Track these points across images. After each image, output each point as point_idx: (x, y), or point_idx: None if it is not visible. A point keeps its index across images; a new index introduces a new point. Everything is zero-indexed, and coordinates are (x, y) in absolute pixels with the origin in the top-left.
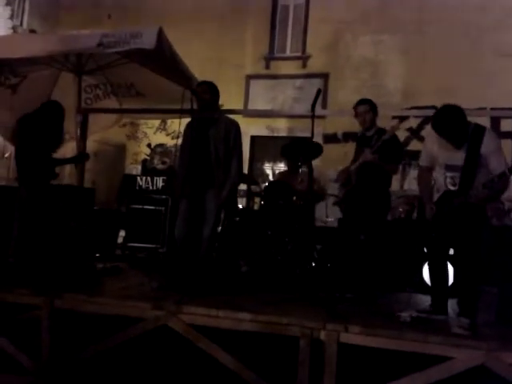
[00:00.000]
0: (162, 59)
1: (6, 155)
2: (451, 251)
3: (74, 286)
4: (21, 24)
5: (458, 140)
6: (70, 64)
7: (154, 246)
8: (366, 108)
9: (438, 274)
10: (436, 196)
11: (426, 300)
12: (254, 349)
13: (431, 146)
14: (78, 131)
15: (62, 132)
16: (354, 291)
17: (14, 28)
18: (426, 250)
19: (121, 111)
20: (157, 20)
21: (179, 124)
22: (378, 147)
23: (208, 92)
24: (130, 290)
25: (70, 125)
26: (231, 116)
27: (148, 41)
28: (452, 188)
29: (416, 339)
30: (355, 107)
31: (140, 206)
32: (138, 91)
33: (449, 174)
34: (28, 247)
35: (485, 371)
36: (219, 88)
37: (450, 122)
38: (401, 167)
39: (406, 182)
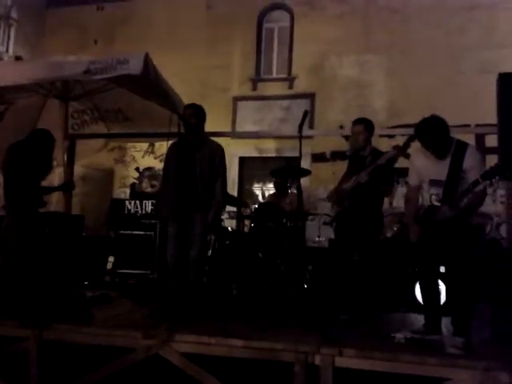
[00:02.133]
0: (149, 84)
1: None
2: (442, 269)
3: (63, 316)
4: (6, 51)
5: (440, 148)
6: (56, 90)
7: (143, 271)
8: (361, 128)
9: (429, 292)
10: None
11: (420, 319)
12: (248, 376)
13: (416, 162)
14: (65, 157)
15: (51, 160)
16: (349, 312)
17: None
18: (411, 270)
19: (108, 136)
20: (143, 44)
21: (166, 146)
22: (372, 170)
23: (194, 116)
24: (120, 319)
25: (58, 151)
26: (219, 138)
27: (134, 66)
28: (437, 204)
29: (411, 361)
30: (351, 126)
31: (129, 232)
32: (126, 116)
33: (433, 191)
34: (14, 277)
35: None
36: (206, 110)
37: (432, 129)
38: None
39: (395, 200)
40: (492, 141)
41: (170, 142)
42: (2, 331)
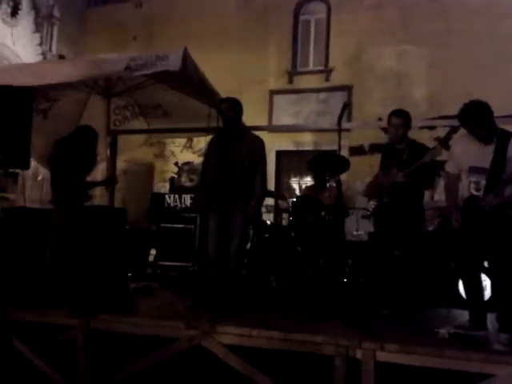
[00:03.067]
0: (188, 79)
1: (39, 178)
2: (486, 263)
3: (109, 307)
4: (50, 50)
5: (484, 132)
6: (98, 87)
7: (184, 264)
8: (401, 121)
9: (472, 287)
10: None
11: (464, 315)
12: (288, 368)
13: (457, 149)
14: (108, 152)
15: (96, 155)
16: (390, 307)
17: (43, 54)
18: (453, 264)
19: (148, 131)
20: (181, 39)
21: (205, 141)
22: (414, 168)
23: (231, 109)
24: (163, 310)
25: (100, 146)
26: (256, 132)
27: (174, 62)
28: (475, 193)
29: (455, 356)
30: (389, 117)
31: (170, 225)
32: (165, 111)
33: (472, 179)
34: (62, 268)
35: None
36: (243, 104)
37: (475, 111)
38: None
39: (436, 193)
40: None
41: (210, 137)
42: (51, 320)
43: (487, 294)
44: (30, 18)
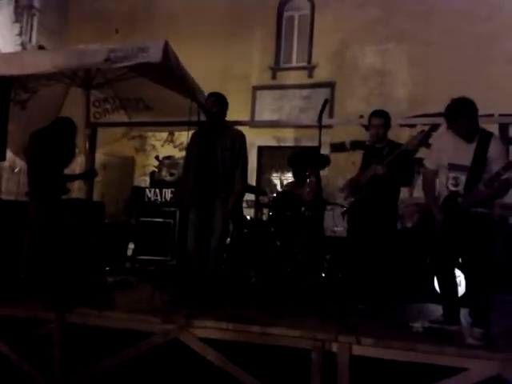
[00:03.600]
0: (169, 72)
1: (16, 170)
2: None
3: (85, 300)
4: (29, 40)
5: (469, 129)
6: (78, 79)
7: (163, 258)
8: (381, 122)
9: (447, 283)
10: (439, 200)
11: (438, 310)
12: (265, 362)
13: (438, 145)
14: (87, 145)
15: (74, 148)
16: (366, 302)
17: (22, 44)
18: (429, 260)
19: (129, 124)
20: (163, 33)
21: (187, 136)
22: (391, 160)
23: (217, 104)
24: (140, 304)
25: (79, 139)
26: (238, 127)
27: (154, 54)
28: (453, 189)
29: (429, 350)
30: (370, 117)
31: (149, 219)
32: (147, 104)
33: (451, 175)
34: (38, 262)
35: (501, 381)
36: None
37: (462, 108)
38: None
39: (415, 190)
40: None
41: (192, 131)
42: (27, 314)
43: (461, 289)
44: (10, 8)
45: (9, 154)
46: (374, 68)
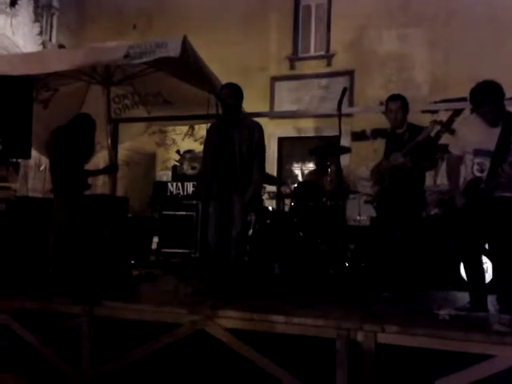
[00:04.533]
0: (187, 66)
1: (41, 168)
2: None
3: (112, 294)
4: (50, 39)
5: (494, 113)
6: (98, 76)
7: (187, 251)
8: (398, 105)
9: (473, 269)
10: (464, 185)
11: (464, 297)
12: (291, 352)
13: (463, 131)
14: (109, 141)
15: (94, 143)
16: (391, 290)
17: (43, 44)
18: (454, 247)
19: (149, 119)
20: (181, 27)
21: (204, 129)
22: (411, 148)
23: (232, 95)
24: (165, 296)
25: (101, 135)
26: (257, 119)
27: (173, 49)
28: (479, 174)
29: (456, 337)
30: (386, 102)
31: (172, 212)
32: (166, 99)
33: (477, 160)
34: (65, 257)
35: None
36: (244, 91)
37: (489, 92)
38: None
39: (439, 177)
40: None
41: (209, 124)
42: (56, 308)
43: (488, 276)
44: (30, 8)
45: (34, 153)
46: (392, 54)
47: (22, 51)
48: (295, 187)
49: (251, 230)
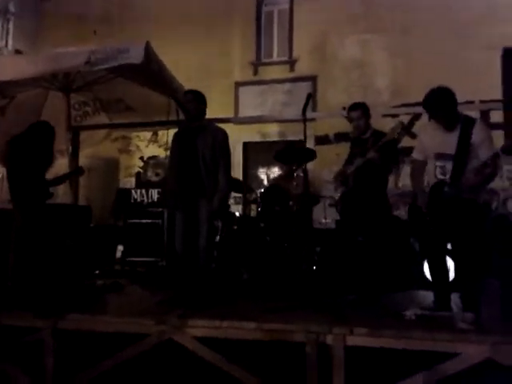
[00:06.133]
0: (150, 72)
1: None
2: (449, 246)
3: (76, 306)
4: (6, 45)
5: (449, 118)
6: (57, 82)
7: (153, 259)
8: (359, 113)
9: (437, 269)
10: (427, 189)
11: (429, 296)
12: (261, 358)
13: (423, 137)
14: (70, 148)
15: (53, 151)
16: (357, 292)
17: None
18: (418, 247)
19: (110, 126)
20: (142, 32)
21: (167, 135)
22: (376, 150)
23: (194, 101)
24: (132, 306)
25: (62, 142)
26: (222, 124)
27: (135, 55)
28: (441, 177)
29: (422, 337)
30: (348, 112)
31: (137, 220)
32: (127, 105)
33: (438, 164)
34: (26, 269)
35: (493, 364)
36: (208, 97)
37: (441, 98)
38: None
39: (401, 180)
40: (497, 116)
41: (173, 131)
42: (17, 322)
43: (450, 275)
44: None
45: None
46: (354, 59)
47: None
48: (262, 192)
49: (218, 237)
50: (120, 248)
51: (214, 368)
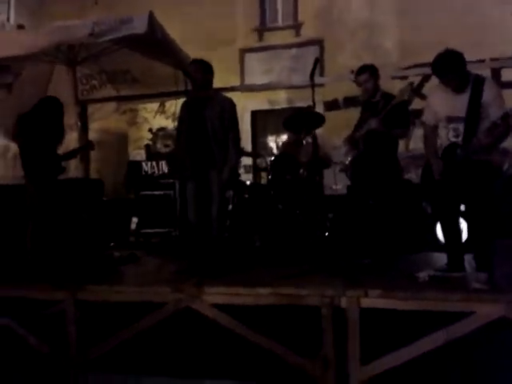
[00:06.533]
0: (155, 43)
1: (10, 155)
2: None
3: (95, 277)
4: (8, 20)
5: (458, 81)
6: (62, 56)
7: (166, 230)
8: (367, 77)
9: (450, 230)
10: (440, 152)
11: (442, 258)
12: (278, 323)
13: (432, 101)
14: (79, 123)
15: (63, 126)
16: (371, 256)
17: (1, 24)
18: (432, 210)
19: (118, 99)
20: (145, 2)
21: (175, 106)
22: (387, 113)
23: (200, 71)
24: (149, 276)
25: (70, 117)
26: (229, 93)
27: (139, 26)
28: (454, 140)
29: (436, 298)
30: (356, 77)
31: (149, 192)
32: (134, 77)
33: (451, 126)
34: (44, 243)
35: (507, 323)
36: (214, 65)
37: (449, 62)
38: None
39: (412, 142)
40: (509, 75)
41: (181, 102)
42: (37, 295)
43: (463, 236)
44: None
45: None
46: (361, 21)
47: None
48: (272, 160)
49: (230, 206)
50: (135, 220)
51: (230, 335)
